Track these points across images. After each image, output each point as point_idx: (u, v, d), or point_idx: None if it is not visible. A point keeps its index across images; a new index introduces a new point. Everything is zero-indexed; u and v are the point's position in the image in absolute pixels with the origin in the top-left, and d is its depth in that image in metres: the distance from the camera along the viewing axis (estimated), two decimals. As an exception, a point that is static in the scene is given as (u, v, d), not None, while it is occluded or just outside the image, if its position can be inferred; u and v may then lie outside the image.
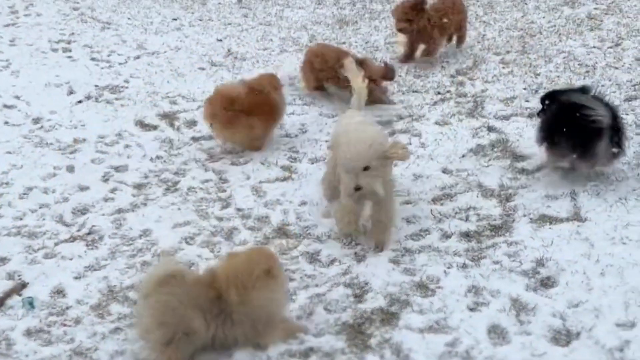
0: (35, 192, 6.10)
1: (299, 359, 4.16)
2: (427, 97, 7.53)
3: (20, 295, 4.87)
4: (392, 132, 6.70)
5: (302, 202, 5.79)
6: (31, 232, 5.58)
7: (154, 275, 4.12)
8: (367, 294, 4.65)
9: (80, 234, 5.56)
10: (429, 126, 6.87)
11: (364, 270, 4.88)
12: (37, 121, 7.40)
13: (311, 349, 4.21)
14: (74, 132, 7.16)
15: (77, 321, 4.61)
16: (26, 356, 4.34)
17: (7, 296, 4.84)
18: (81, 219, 5.75)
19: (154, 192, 6.11)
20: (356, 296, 4.65)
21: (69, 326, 4.57)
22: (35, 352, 4.36)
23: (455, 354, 4.08)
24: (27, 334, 4.52)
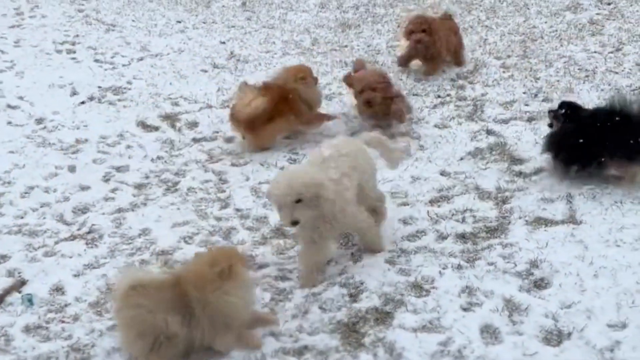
0: (36, 191, 6.18)
1: (294, 356, 4.21)
2: (427, 100, 7.56)
3: (19, 292, 4.93)
4: (392, 135, 6.72)
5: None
6: (32, 231, 5.65)
7: (118, 291, 4.14)
8: (362, 293, 4.69)
9: (80, 232, 5.62)
10: (429, 129, 6.91)
11: (359, 270, 4.92)
12: (40, 121, 7.49)
13: (305, 347, 4.27)
14: (76, 132, 7.25)
15: (75, 318, 4.67)
16: (24, 352, 4.40)
17: (6, 293, 4.90)
18: (81, 218, 5.82)
19: (154, 192, 6.17)
20: (351, 296, 4.68)
21: (67, 323, 4.63)
22: (33, 348, 4.42)
23: (447, 353, 4.12)
24: (26, 330, 4.59)
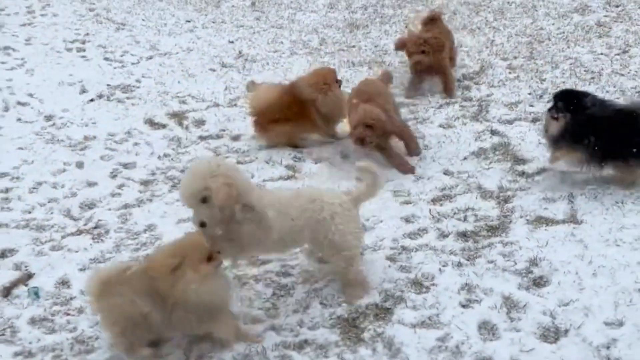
0: (44, 186, 6.26)
1: (294, 350, 4.27)
2: (433, 100, 7.61)
3: (26, 285, 5.01)
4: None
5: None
6: (39, 225, 5.73)
7: (92, 289, 4.16)
8: (363, 290, 4.74)
9: (86, 227, 5.70)
10: (433, 129, 6.95)
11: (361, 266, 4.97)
12: (49, 118, 7.59)
13: (306, 341, 4.33)
14: (84, 129, 7.34)
15: (80, 311, 4.75)
16: (30, 343, 4.48)
17: (13, 286, 4.98)
18: (88, 213, 5.90)
19: (160, 188, 6.24)
20: (352, 292, 4.73)
21: (72, 315, 4.71)
22: (38, 340, 4.50)
23: (445, 349, 4.17)
24: (32, 322, 4.67)
